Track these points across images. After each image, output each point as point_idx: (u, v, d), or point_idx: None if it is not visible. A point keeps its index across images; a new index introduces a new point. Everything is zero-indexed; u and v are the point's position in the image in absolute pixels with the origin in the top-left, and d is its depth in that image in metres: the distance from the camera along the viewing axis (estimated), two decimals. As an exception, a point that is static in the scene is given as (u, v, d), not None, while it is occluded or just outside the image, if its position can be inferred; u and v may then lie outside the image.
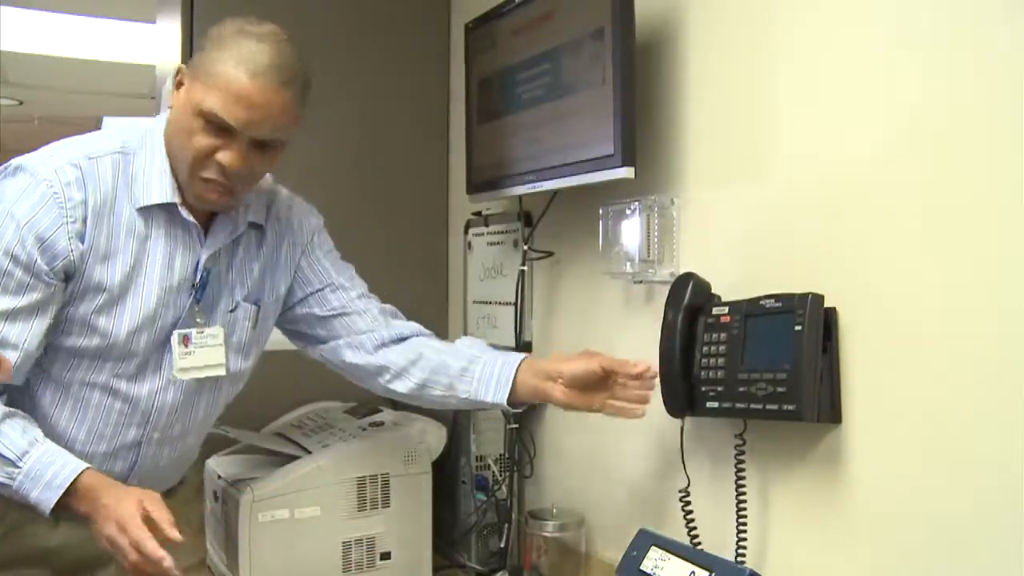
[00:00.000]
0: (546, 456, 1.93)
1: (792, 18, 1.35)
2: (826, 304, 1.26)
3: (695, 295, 1.41)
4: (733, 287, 1.40)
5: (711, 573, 1.27)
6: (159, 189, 1.32)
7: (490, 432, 1.90)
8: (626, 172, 1.51)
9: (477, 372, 1.44)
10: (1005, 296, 1.06)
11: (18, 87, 5.15)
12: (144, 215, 1.33)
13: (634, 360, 1.38)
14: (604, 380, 1.38)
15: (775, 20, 1.38)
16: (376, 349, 1.52)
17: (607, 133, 1.53)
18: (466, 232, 2.24)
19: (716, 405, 1.35)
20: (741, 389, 1.30)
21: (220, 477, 1.74)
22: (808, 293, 1.25)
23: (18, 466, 1.22)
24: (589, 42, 1.58)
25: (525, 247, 1.91)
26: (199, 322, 1.38)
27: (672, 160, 1.57)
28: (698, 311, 1.40)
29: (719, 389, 1.34)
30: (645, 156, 1.56)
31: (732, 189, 1.46)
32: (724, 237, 1.47)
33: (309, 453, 1.73)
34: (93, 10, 3.95)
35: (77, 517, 1.36)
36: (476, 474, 1.90)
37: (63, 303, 1.29)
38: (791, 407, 1.24)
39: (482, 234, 2.16)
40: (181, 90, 1.29)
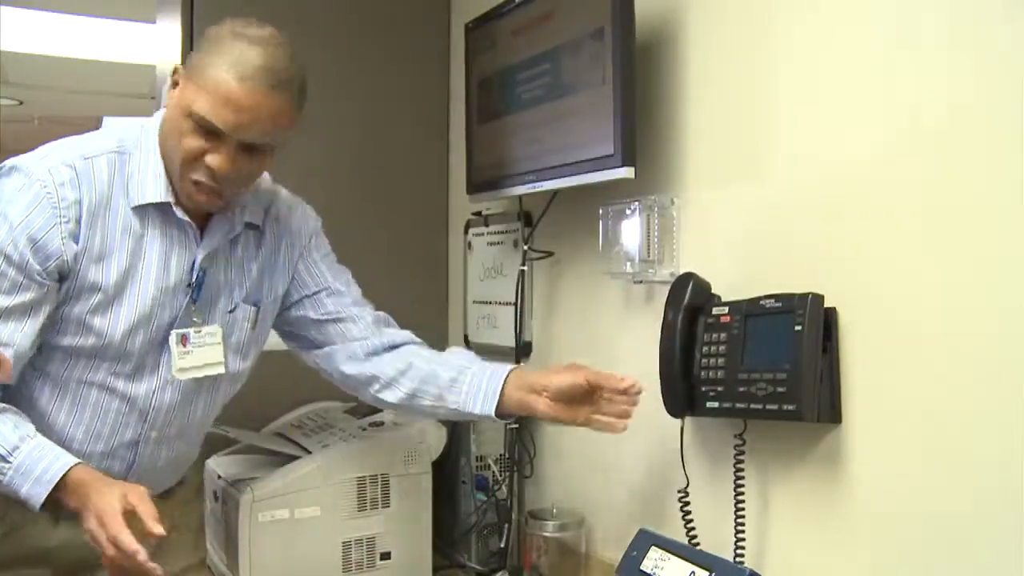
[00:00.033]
0: (546, 456, 1.93)
1: (792, 18, 1.35)
2: (826, 304, 1.26)
3: (695, 295, 1.41)
4: (733, 287, 1.40)
5: (711, 573, 1.27)
6: (153, 188, 1.32)
7: (490, 432, 1.90)
8: (626, 172, 1.51)
9: (466, 384, 1.44)
10: (1005, 296, 1.06)
11: (18, 87, 5.15)
12: (140, 214, 1.32)
13: (620, 375, 1.37)
14: (590, 394, 1.38)
15: (775, 20, 1.38)
16: (368, 357, 1.52)
17: (607, 133, 1.53)
18: (466, 232, 2.24)
19: (716, 405, 1.35)
20: (741, 389, 1.30)
21: (220, 477, 1.74)
22: (808, 293, 1.25)
23: (8, 461, 1.21)
24: (589, 42, 1.58)
25: (525, 247, 1.91)
26: (196, 321, 1.38)
27: (672, 160, 1.57)
28: (698, 311, 1.40)
29: (719, 389, 1.34)
30: (645, 156, 1.56)
31: (732, 189, 1.46)
32: (724, 237, 1.47)
33: (309, 453, 1.73)
34: (93, 10, 3.95)
35: (77, 516, 1.36)
36: (476, 474, 1.90)
37: (58, 303, 1.29)
38: (791, 407, 1.24)
39: (482, 234, 2.16)
40: (176, 90, 1.29)
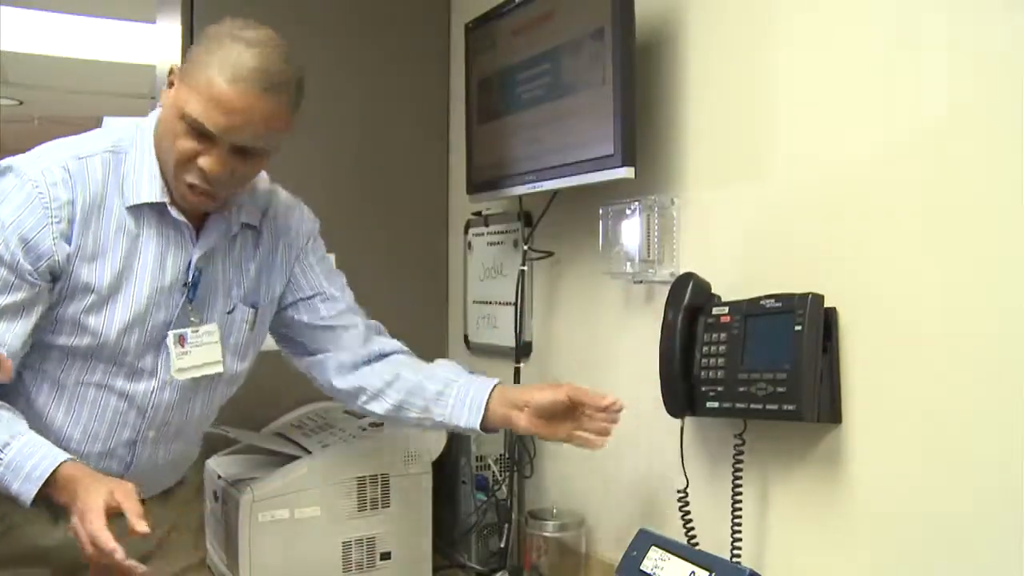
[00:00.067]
0: (546, 456, 1.93)
1: (792, 18, 1.35)
2: (826, 304, 1.26)
3: (695, 295, 1.41)
4: (733, 287, 1.40)
5: (711, 573, 1.27)
6: (148, 188, 1.31)
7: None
8: (626, 172, 1.51)
9: (452, 397, 1.45)
10: (1005, 296, 1.06)
11: (18, 87, 5.15)
12: (135, 214, 1.32)
13: (602, 392, 1.38)
14: (571, 410, 1.38)
15: (775, 20, 1.38)
16: (357, 367, 1.52)
17: (607, 133, 1.53)
18: (466, 232, 2.24)
19: (716, 405, 1.35)
20: (741, 389, 1.30)
21: (220, 477, 1.74)
22: (808, 293, 1.25)
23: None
24: (589, 42, 1.58)
25: (525, 247, 1.91)
26: (193, 321, 1.38)
27: (672, 160, 1.57)
28: (698, 311, 1.40)
29: (719, 389, 1.34)
30: (645, 156, 1.56)
31: (732, 189, 1.46)
32: (724, 237, 1.47)
33: (309, 453, 1.73)
34: (93, 10, 3.95)
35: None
36: (476, 474, 1.90)
37: (52, 303, 1.29)
38: (791, 407, 1.24)
39: (482, 234, 2.16)
40: (171, 90, 1.28)
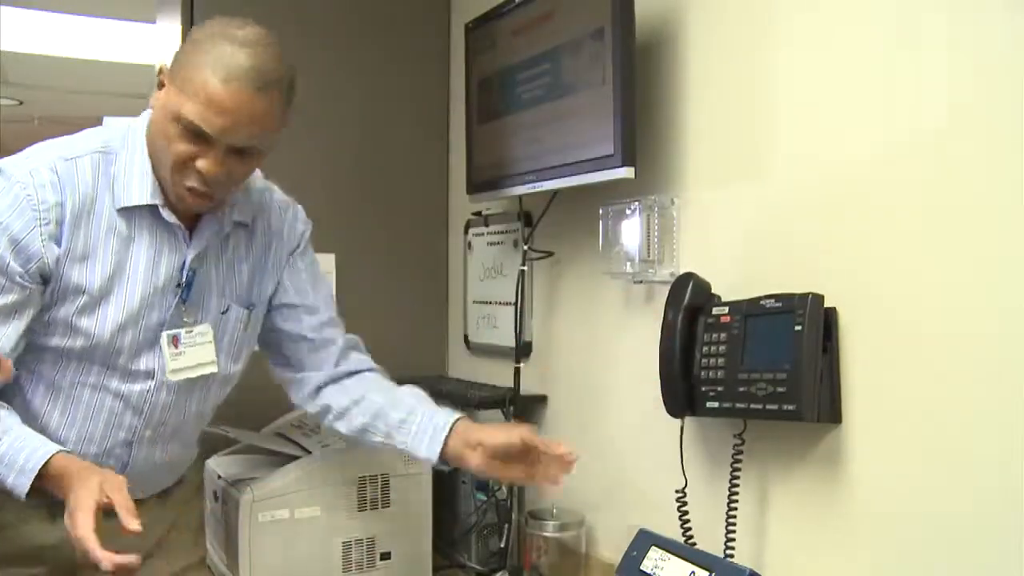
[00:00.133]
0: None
1: (792, 18, 1.35)
2: (826, 304, 1.26)
3: (695, 295, 1.41)
4: (733, 287, 1.40)
5: (711, 573, 1.27)
6: (140, 190, 1.30)
7: (490, 432, 1.90)
8: (626, 172, 1.51)
9: (414, 425, 1.44)
10: (1005, 296, 1.06)
11: (18, 87, 5.15)
12: (126, 215, 1.31)
13: (557, 441, 1.37)
14: (525, 453, 1.37)
15: (775, 20, 1.38)
16: (327, 386, 1.53)
17: (607, 133, 1.53)
18: (466, 232, 2.24)
19: (716, 405, 1.35)
20: (741, 389, 1.30)
21: (220, 477, 1.73)
22: (808, 293, 1.25)
23: None
24: (589, 42, 1.58)
25: (525, 247, 1.91)
26: (187, 321, 1.37)
27: (672, 160, 1.57)
28: (698, 311, 1.40)
29: (719, 389, 1.34)
30: (645, 156, 1.56)
31: (732, 189, 1.46)
32: (724, 237, 1.47)
33: (309, 453, 1.73)
34: (93, 10, 3.95)
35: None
36: (476, 474, 1.90)
37: (44, 305, 1.28)
38: (791, 407, 1.24)
39: (482, 234, 2.16)
40: (162, 92, 1.27)
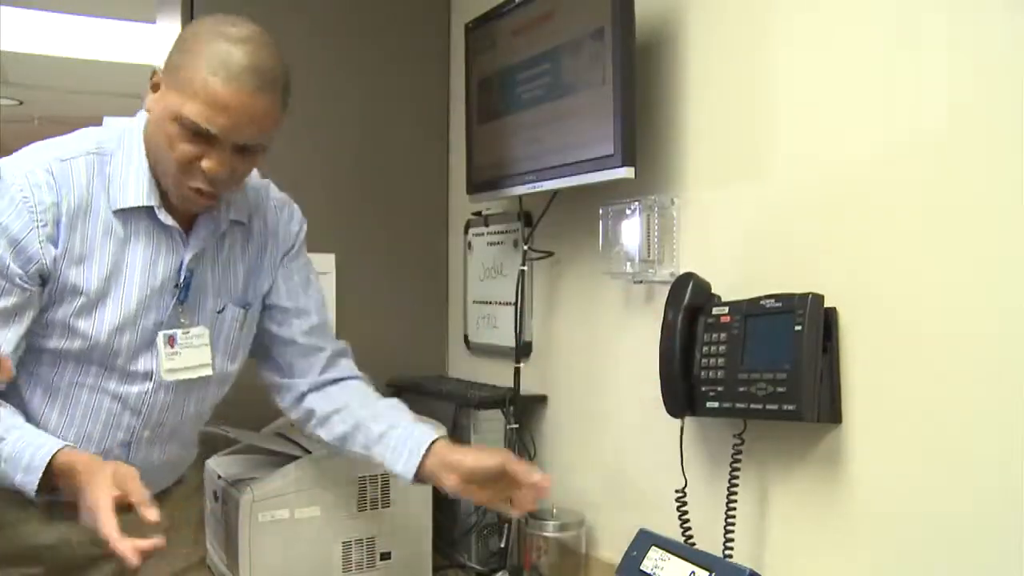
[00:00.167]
0: (546, 456, 1.93)
1: (792, 18, 1.35)
2: (826, 304, 1.26)
3: (695, 295, 1.41)
4: (733, 287, 1.40)
5: (711, 573, 1.27)
6: (135, 191, 1.30)
7: (490, 432, 1.90)
8: (626, 172, 1.51)
9: (393, 440, 1.44)
10: (1005, 296, 1.06)
11: (18, 87, 5.16)
12: (122, 217, 1.30)
13: (534, 470, 1.36)
14: (501, 476, 1.36)
15: (775, 20, 1.38)
16: (311, 391, 1.53)
17: (607, 133, 1.53)
18: (466, 232, 2.24)
19: (716, 405, 1.35)
20: (741, 389, 1.30)
21: (220, 477, 1.73)
22: (808, 293, 1.25)
23: None
24: (589, 42, 1.58)
25: (525, 247, 1.91)
26: (184, 322, 1.37)
27: (672, 160, 1.57)
28: (698, 311, 1.40)
29: (719, 389, 1.34)
30: (645, 156, 1.56)
31: (732, 189, 1.46)
32: (724, 237, 1.47)
33: (309, 453, 1.72)
34: (93, 10, 3.95)
35: (70, 514, 1.36)
36: (476, 474, 1.90)
37: (42, 306, 1.28)
38: (791, 407, 1.24)
39: (482, 234, 2.16)
40: (157, 94, 1.26)
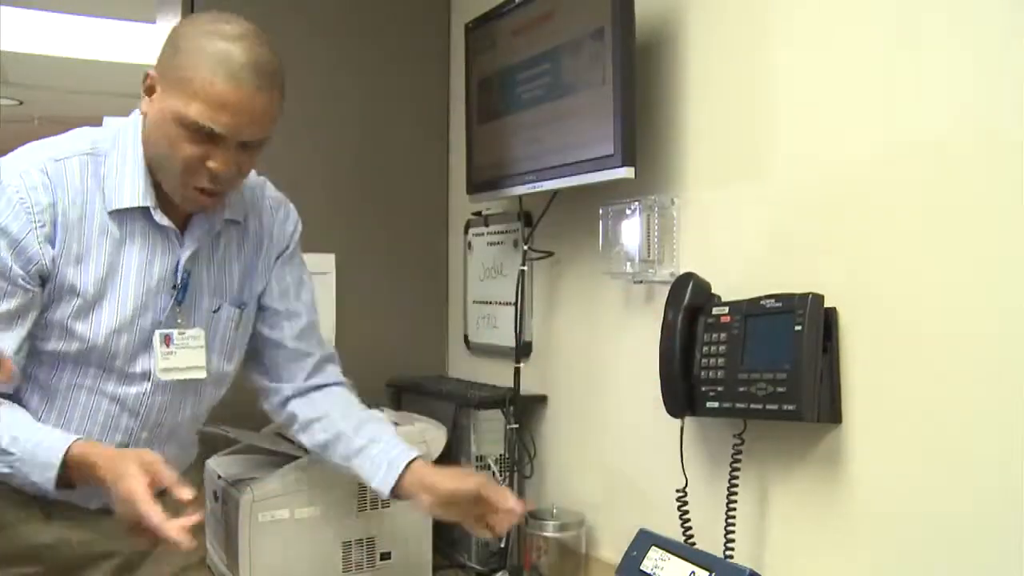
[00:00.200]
0: (546, 456, 1.93)
1: (792, 18, 1.35)
2: (826, 304, 1.26)
3: (695, 295, 1.41)
4: (733, 287, 1.40)
5: (711, 573, 1.27)
6: (131, 192, 1.29)
7: (490, 432, 1.90)
8: (626, 172, 1.51)
9: (372, 455, 1.45)
10: (1005, 296, 1.06)
11: (18, 87, 5.15)
12: (117, 218, 1.30)
13: (508, 495, 1.38)
14: (477, 499, 1.37)
15: (775, 20, 1.38)
16: (295, 396, 1.54)
17: (607, 133, 1.53)
18: (466, 232, 2.24)
19: (716, 405, 1.35)
20: (741, 389, 1.30)
21: (220, 477, 1.73)
22: (808, 293, 1.25)
23: (11, 452, 1.21)
24: (589, 42, 1.58)
25: (525, 247, 1.91)
26: (180, 323, 1.37)
27: (672, 160, 1.57)
28: (698, 311, 1.40)
29: (719, 389, 1.34)
30: (645, 156, 1.56)
31: (732, 189, 1.46)
32: (724, 237, 1.47)
33: (309, 453, 1.72)
34: (93, 10, 3.96)
35: (69, 514, 1.36)
36: (476, 474, 1.90)
37: (41, 308, 1.28)
38: (791, 407, 1.24)
39: (482, 234, 2.16)
40: (154, 96, 1.26)
